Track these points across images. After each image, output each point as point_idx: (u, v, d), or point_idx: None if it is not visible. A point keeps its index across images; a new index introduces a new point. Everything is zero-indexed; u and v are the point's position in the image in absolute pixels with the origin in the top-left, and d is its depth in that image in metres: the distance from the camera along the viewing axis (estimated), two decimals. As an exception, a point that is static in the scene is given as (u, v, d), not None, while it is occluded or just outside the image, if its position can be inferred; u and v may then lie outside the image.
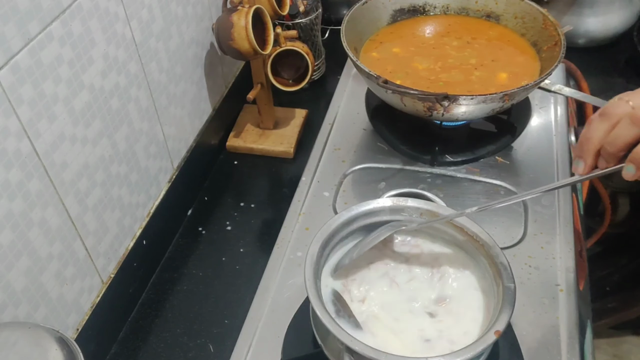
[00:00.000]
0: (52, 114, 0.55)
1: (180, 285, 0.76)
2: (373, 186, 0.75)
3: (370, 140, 0.83)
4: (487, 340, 0.45)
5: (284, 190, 0.87)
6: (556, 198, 0.73)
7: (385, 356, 0.45)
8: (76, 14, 0.57)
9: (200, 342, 0.70)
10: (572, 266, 0.65)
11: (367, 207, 0.56)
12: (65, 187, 0.59)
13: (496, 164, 0.78)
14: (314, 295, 0.48)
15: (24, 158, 0.53)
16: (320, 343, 0.53)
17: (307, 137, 0.93)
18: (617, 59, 1.07)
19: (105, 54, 0.62)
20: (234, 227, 0.83)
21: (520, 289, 0.51)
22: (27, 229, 0.54)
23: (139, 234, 0.74)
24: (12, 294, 0.54)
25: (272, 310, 0.63)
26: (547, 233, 0.69)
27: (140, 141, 0.72)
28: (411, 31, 0.89)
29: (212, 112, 0.92)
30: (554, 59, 0.75)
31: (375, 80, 0.71)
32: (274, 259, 0.69)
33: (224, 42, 0.79)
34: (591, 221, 1.29)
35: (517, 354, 0.57)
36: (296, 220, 0.73)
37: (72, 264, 0.62)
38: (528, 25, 0.86)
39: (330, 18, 1.11)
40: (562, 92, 0.71)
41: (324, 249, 0.53)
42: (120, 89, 0.66)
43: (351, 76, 0.95)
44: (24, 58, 0.51)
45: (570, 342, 0.58)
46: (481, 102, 0.69)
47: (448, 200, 0.71)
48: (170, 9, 0.74)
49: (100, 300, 0.67)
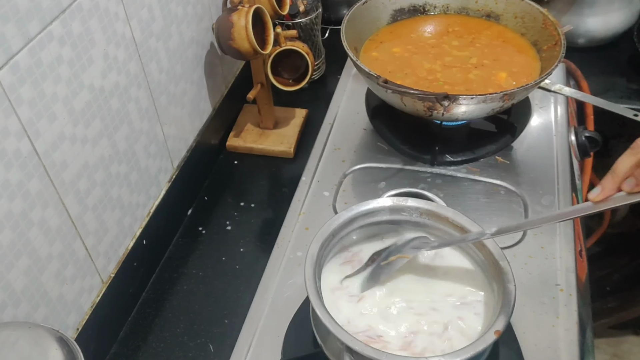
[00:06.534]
0: (52, 113, 0.55)
1: (180, 285, 0.76)
2: (373, 186, 0.75)
3: (370, 140, 0.83)
4: (487, 340, 0.45)
5: (284, 190, 0.87)
6: (556, 198, 0.73)
7: (386, 356, 0.45)
8: (76, 14, 0.57)
9: (200, 341, 0.70)
10: (572, 266, 0.65)
11: (367, 206, 0.56)
12: (65, 187, 0.59)
13: (496, 164, 0.78)
14: (314, 294, 0.48)
15: (24, 158, 0.53)
16: (320, 343, 0.53)
17: (307, 137, 0.93)
18: (617, 59, 1.07)
19: (105, 54, 0.62)
20: (234, 227, 0.83)
21: (520, 289, 0.51)
22: (27, 229, 0.54)
23: (139, 234, 0.74)
24: (12, 293, 0.54)
25: (272, 310, 0.63)
26: (547, 233, 0.69)
27: (140, 141, 0.72)
28: (411, 31, 0.89)
29: (212, 111, 0.92)
30: (554, 58, 0.75)
31: (376, 80, 0.71)
32: (274, 258, 0.69)
33: (224, 42, 0.79)
34: (591, 221, 1.29)
35: (517, 354, 0.57)
36: (296, 220, 0.73)
37: (72, 263, 0.62)
38: (528, 25, 0.86)
39: (330, 18, 1.11)
40: (562, 92, 0.71)
41: (324, 248, 0.53)
42: (120, 89, 0.66)
43: (351, 76, 0.95)
44: (24, 58, 0.51)
45: (570, 341, 0.58)
46: (481, 102, 0.69)
47: (448, 199, 0.71)
48: (170, 9, 0.74)
49: (100, 300, 0.67)
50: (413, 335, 0.50)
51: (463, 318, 0.53)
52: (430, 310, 0.54)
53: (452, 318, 0.53)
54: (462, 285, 0.55)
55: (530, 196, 0.72)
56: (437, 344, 0.49)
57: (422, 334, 0.51)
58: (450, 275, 0.56)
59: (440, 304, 0.54)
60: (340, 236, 0.55)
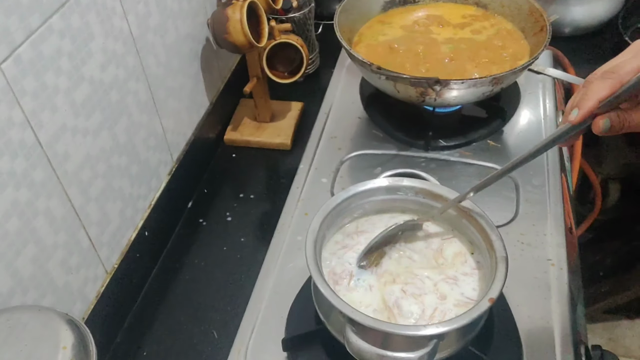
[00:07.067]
0: (53, 105, 0.57)
1: (182, 275, 0.78)
2: (369, 171, 0.77)
3: (365, 128, 0.85)
4: (481, 307, 0.47)
5: (282, 181, 0.89)
6: (546, 178, 0.75)
7: (386, 325, 0.46)
8: (75, 8, 0.58)
9: (204, 328, 0.71)
10: (562, 242, 0.67)
11: (364, 187, 0.58)
12: (69, 178, 0.60)
13: (488, 147, 0.81)
14: (315, 270, 0.50)
15: (28, 148, 0.54)
16: (322, 319, 0.54)
17: (303, 129, 0.95)
18: (603, 47, 1.09)
19: (103, 47, 0.64)
20: (234, 218, 0.84)
21: (513, 265, 0.52)
22: (32, 218, 0.56)
23: (141, 225, 0.75)
24: (20, 280, 0.55)
25: (274, 293, 0.65)
26: (538, 211, 0.71)
27: (139, 134, 0.73)
28: (402, 20, 0.91)
29: (209, 105, 0.93)
30: (541, 44, 0.77)
31: (369, 67, 0.72)
32: (274, 243, 0.70)
33: (219, 36, 0.80)
34: (583, 208, 1.31)
35: (512, 326, 0.59)
36: (295, 206, 0.75)
37: (76, 253, 0.63)
38: (515, 12, 0.88)
39: (323, 13, 1.13)
40: (547, 72, 0.74)
41: (324, 227, 0.54)
42: (119, 82, 0.67)
43: (345, 67, 0.97)
44: (26, 50, 0.52)
45: (562, 313, 0.60)
46: (472, 86, 0.71)
47: (442, 182, 0.72)
48: (166, 4, 0.76)
49: (104, 290, 0.68)
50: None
51: (461, 292, 0.54)
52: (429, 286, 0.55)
53: (450, 292, 0.54)
54: (457, 260, 0.57)
55: (521, 177, 0.73)
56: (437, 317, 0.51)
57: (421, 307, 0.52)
58: (445, 251, 0.58)
59: (436, 279, 0.56)
60: (339, 215, 0.57)
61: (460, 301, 0.53)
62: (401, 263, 0.58)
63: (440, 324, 0.46)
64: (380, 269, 0.57)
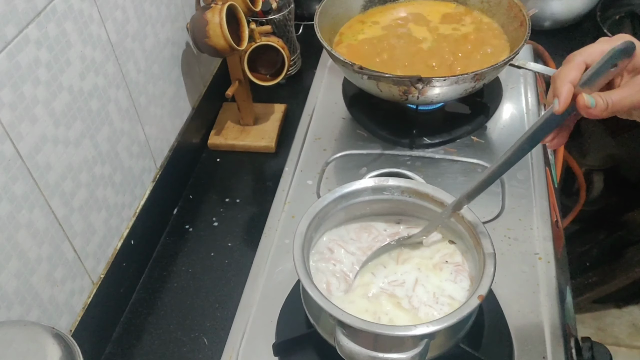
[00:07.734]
0: (33, 116, 0.56)
1: (170, 283, 0.77)
2: (355, 172, 0.77)
3: (349, 128, 0.85)
4: (471, 304, 0.47)
5: (268, 184, 0.89)
6: (530, 172, 0.76)
7: (376, 326, 0.46)
8: (51, 17, 0.57)
9: (194, 335, 0.71)
10: (549, 235, 0.68)
11: (350, 188, 0.57)
12: (51, 189, 0.59)
13: (472, 144, 0.81)
14: (304, 273, 0.49)
15: (8, 161, 0.53)
16: (313, 322, 0.54)
17: (287, 131, 0.95)
18: (582, 40, 1.10)
19: (82, 55, 0.63)
20: (221, 223, 0.84)
21: (501, 260, 0.53)
22: (15, 231, 0.55)
23: (127, 234, 0.74)
24: (4, 296, 0.54)
25: (264, 297, 0.64)
26: (524, 206, 0.72)
27: (122, 141, 0.72)
28: (382, 19, 0.91)
29: (191, 110, 0.92)
30: (521, 38, 0.78)
31: (351, 68, 0.72)
32: (262, 247, 0.70)
33: (199, 40, 0.80)
34: (567, 200, 1.33)
35: (502, 320, 0.59)
36: (282, 209, 0.74)
37: (61, 265, 0.62)
38: (494, 7, 0.89)
39: (303, 14, 1.13)
40: (528, 67, 0.74)
41: (311, 229, 0.54)
42: (99, 90, 0.66)
43: (327, 68, 0.97)
44: (2, 61, 0.51)
45: (551, 306, 0.61)
46: (454, 83, 0.72)
47: (428, 180, 0.74)
48: (144, 10, 0.75)
49: (91, 301, 0.67)
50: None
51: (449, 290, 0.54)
52: (418, 286, 0.55)
53: (439, 291, 0.54)
54: (444, 258, 0.57)
55: (506, 173, 0.74)
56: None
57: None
58: (433, 250, 0.58)
59: (425, 279, 0.56)
60: (326, 217, 0.57)
61: (449, 299, 0.53)
62: (389, 263, 0.58)
63: (431, 323, 0.46)
64: (367, 269, 0.57)
